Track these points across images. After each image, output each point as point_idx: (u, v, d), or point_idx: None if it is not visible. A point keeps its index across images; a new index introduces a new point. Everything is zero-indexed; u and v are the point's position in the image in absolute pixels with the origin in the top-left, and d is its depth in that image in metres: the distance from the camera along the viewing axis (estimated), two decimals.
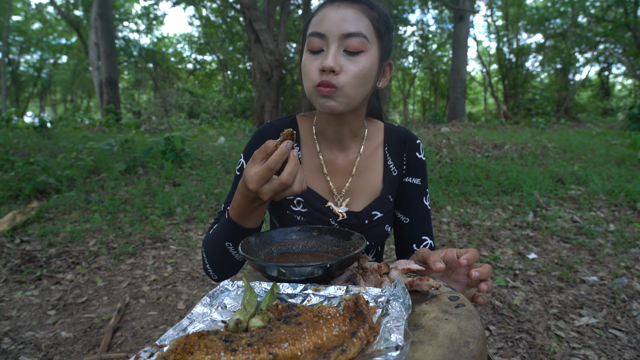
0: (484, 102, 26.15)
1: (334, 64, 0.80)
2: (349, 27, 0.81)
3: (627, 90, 21.18)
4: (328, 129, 0.95)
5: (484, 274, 0.72)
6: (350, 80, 0.82)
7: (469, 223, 3.29)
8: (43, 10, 21.94)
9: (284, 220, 0.97)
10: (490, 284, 0.74)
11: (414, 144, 1.02)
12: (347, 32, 0.81)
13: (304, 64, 0.85)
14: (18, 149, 5.26)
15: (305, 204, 0.95)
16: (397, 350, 0.43)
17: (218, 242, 0.85)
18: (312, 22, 0.86)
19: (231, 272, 0.91)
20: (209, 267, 0.90)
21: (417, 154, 1.02)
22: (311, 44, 0.84)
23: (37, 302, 2.14)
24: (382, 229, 0.98)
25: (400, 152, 1.01)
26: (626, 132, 7.17)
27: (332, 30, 0.81)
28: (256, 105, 10.45)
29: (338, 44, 0.81)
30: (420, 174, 1.02)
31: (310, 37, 0.84)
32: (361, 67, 0.82)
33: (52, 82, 25.78)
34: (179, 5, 15.43)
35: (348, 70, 0.81)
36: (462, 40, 11.86)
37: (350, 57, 0.82)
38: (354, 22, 0.81)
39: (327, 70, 0.80)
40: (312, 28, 0.85)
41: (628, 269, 2.41)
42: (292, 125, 1.01)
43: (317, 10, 0.87)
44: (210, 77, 24.82)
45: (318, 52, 0.83)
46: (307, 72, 0.84)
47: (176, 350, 0.44)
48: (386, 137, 1.02)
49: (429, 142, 5.74)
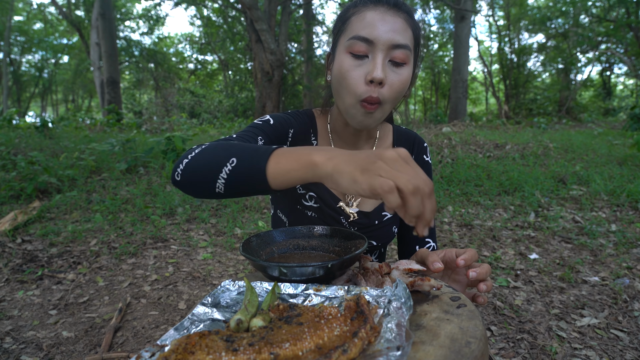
0: (485, 102, 26.12)
1: (384, 76, 0.77)
2: (399, 38, 0.78)
3: (629, 90, 21.13)
4: (345, 130, 0.94)
5: (481, 274, 0.71)
6: (392, 94, 0.80)
7: (471, 223, 3.29)
8: (44, 10, 21.99)
9: (294, 215, 0.95)
10: (490, 283, 0.73)
11: (422, 147, 1.03)
12: (397, 43, 0.78)
13: (346, 69, 0.80)
14: (20, 149, 5.27)
15: (318, 200, 0.94)
16: (399, 351, 0.43)
17: (226, 153, 0.65)
18: (355, 22, 0.81)
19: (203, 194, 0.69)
20: (183, 169, 0.68)
21: (425, 156, 1.03)
22: (354, 48, 0.79)
23: (39, 301, 2.15)
24: (390, 230, 0.99)
25: None
26: (628, 132, 7.15)
27: (382, 38, 0.77)
28: (257, 105, 10.45)
29: (385, 53, 0.78)
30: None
31: (354, 40, 0.79)
32: (404, 80, 0.81)
33: (54, 82, 25.82)
34: (180, 6, 15.45)
35: (392, 84, 0.79)
36: (464, 40, 11.85)
37: (395, 69, 0.80)
38: (402, 32, 0.79)
39: (376, 82, 0.77)
40: (356, 30, 0.79)
41: (630, 269, 2.40)
42: (311, 119, 0.99)
43: (358, 10, 0.81)
44: (212, 77, 24.83)
45: (361, 57, 0.79)
46: (349, 79, 0.80)
47: (177, 350, 0.44)
48: (395, 139, 1.02)
49: (431, 142, 5.73)
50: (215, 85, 24.46)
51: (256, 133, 0.85)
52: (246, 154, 0.63)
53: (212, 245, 2.97)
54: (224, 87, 22.56)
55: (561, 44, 19.18)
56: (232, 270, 2.59)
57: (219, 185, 0.65)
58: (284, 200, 0.98)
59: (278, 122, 0.91)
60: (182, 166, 0.68)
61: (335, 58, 0.84)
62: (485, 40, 27.32)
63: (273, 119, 0.91)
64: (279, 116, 0.93)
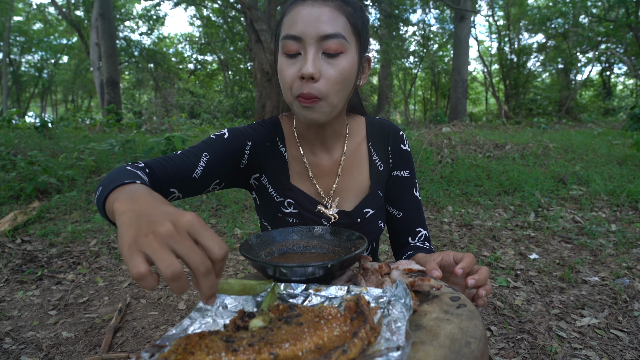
0: (485, 102, 26.13)
1: (314, 70, 0.75)
2: (327, 27, 0.76)
3: (628, 90, 21.14)
4: (309, 132, 0.92)
5: (480, 280, 0.70)
6: (332, 87, 0.78)
7: (470, 223, 3.29)
8: (44, 11, 21.99)
9: (276, 223, 0.95)
10: (489, 287, 0.72)
11: (398, 136, 0.99)
12: (325, 34, 0.76)
13: (280, 69, 0.80)
14: (19, 149, 5.26)
15: (296, 206, 0.93)
16: (398, 351, 0.43)
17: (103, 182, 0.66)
18: (285, 22, 0.80)
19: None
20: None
21: (402, 145, 0.99)
22: (286, 48, 0.78)
23: (38, 302, 2.15)
24: (375, 226, 0.97)
25: (384, 146, 0.98)
26: (628, 132, 7.15)
27: (308, 32, 0.76)
28: (257, 105, 10.45)
29: (316, 47, 0.76)
30: (407, 165, 1.00)
31: (285, 40, 0.78)
32: (341, 70, 0.78)
33: (53, 82, 25.82)
34: (180, 6, 15.45)
35: (329, 76, 0.77)
36: (464, 40, 11.85)
37: (330, 60, 0.77)
38: (331, 21, 0.76)
39: (307, 77, 0.76)
40: (285, 30, 0.79)
41: (630, 269, 2.40)
42: (276, 127, 0.97)
43: (289, 9, 0.81)
44: (211, 77, 24.85)
45: (295, 55, 0.78)
46: (284, 79, 0.80)
47: (177, 351, 0.44)
48: (369, 131, 0.99)
49: (430, 142, 5.73)
50: (215, 85, 24.47)
51: (203, 150, 0.85)
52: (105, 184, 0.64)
53: None
54: (224, 87, 22.57)
55: (561, 44, 19.19)
56: (232, 270, 2.59)
57: (99, 209, 0.66)
58: (264, 208, 0.97)
59: (233, 135, 0.90)
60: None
61: (277, 62, 0.84)
62: (485, 40, 27.34)
63: (229, 133, 0.91)
64: (236, 130, 0.92)
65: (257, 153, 0.93)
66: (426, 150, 5.18)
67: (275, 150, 0.95)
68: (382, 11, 15.37)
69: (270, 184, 0.95)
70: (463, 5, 11.24)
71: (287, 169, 0.94)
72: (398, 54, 19.77)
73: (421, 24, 20.77)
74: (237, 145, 0.90)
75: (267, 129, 0.95)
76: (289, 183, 0.94)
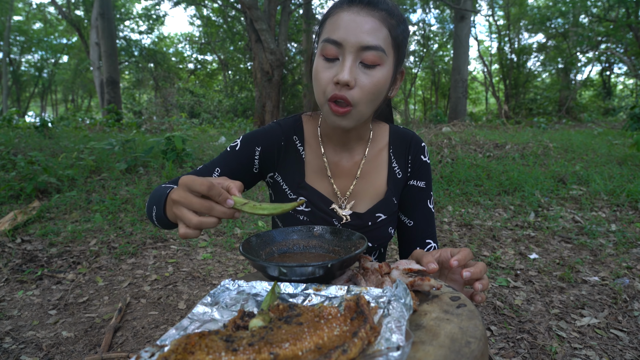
0: (485, 102, 26.13)
1: (350, 78, 0.76)
2: (368, 39, 0.76)
3: (628, 90, 21.14)
4: (334, 133, 0.94)
5: (475, 273, 0.70)
6: (364, 97, 0.79)
7: (470, 223, 3.29)
8: (44, 10, 21.98)
9: (287, 220, 0.97)
10: (486, 282, 0.72)
11: (419, 147, 1.01)
12: (366, 45, 0.76)
13: (316, 71, 0.81)
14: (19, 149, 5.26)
15: (309, 204, 0.94)
16: (398, 351, 0.43)
17: (152, 201, 0.82)
18: (328, 24, 0.81)
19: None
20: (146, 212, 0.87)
21: (422, 156, 1.01)
22: (326, 51, 0.79)
23: (38, 301, 2.15)
24: (385, 231, 0.98)
25: (405, 155, 1.00)
26: (628, 132, 7.16)
27: (349, 39, 0.76)
28: (257, 105, 10.45)
29: (355, 56, 0.77)
30: (424, 177, 1.01)
31: (325, 43, 0.79)
32: (376, 81, 0.79)
33: (53, 82, 25.82)
34: (180, 5, 15.44)
35: (363, 86, 0.78)
36: (464, 40, 11.85)
37: (366, 70, 0.79)
38: (373, 33, 0.77)
39: (342, 84, 0.77)
40: (327, 33, 0.80)
41: (630, 269, 2.40)
42: (297, 127, 0.98)
43: (333, 12, 0.81)
44: (211, 76, 24.83)
45: (332, 59, 0.79)
46: (319, 80, 0.81)
47: (177, 350, 0.44)
48: (391, 139, 1.00)
49: (430, 141, 5.73)
50: (215, 85, 24.46)
51: (216, 164, 0.94)
52: (156, 200, 0.80)
53: (212, 245, 2.97)
54: (224, 87, 22.56)
55: (561, 43, 19.19)
56: (231, 270, 2.59)
57: (157, 224, 0.83)
58: None
59: (244, 144, 0.95)
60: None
61: (314, 61, 0.84)
62: (485, 40, 27.33)
63: (240, 143, 0.95)
64: (248, 137, 0.96)
65: (268, 155, 0.95)
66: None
67: (292, 148, 0.96)
68: None
69: (284, 182, 0.97)
70: (463, 5, 11.24)
71: (302, 167, 0.96)
72: None
73: (421, 23, 20.79)
74: (247, 153, 0.94)
75: (284, 129, 0.97)
76: (303, 181, 0.95)
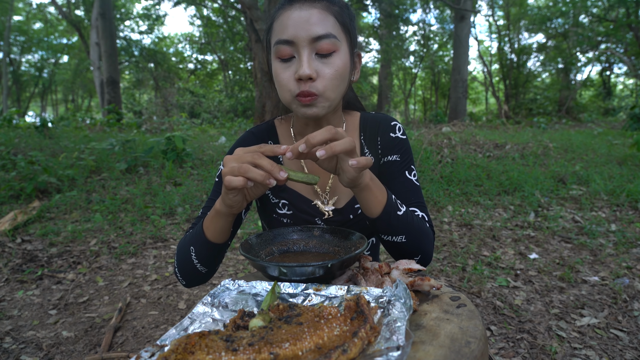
0: (485, 102, 26.13)
1: (310, 72, 0.77)
2: (317, 29, 0.78)
3: (628, 90, 21.13)
4: (307, 130, 0.94)
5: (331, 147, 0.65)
6: (329, 84, 0.80)
7: (470, 223, 3.29)
8: (44, 10, 21.98)
9: (272, 224, 0.98)
10: (361, 159, 0.66)
11: (388, 126, 0.99)
12: (317, 35, 0.78)
13: (276, 74, 0.82)
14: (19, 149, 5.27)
15: (290, 206, 0.94)
16: (398, 351, 0.43)
17: (186, 246, 0.84)
18: (275, 27, 0.82)
19: (197, 281, 0.90)
20: (177, 271, 0.89)
21: (392, 134, 0.98)
22: (280, 52, 0.80)
23: (38, 301, 2.15)
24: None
25: (374, 138, 0.99)
26: (628, 132, 7.16)
27: (300, 35, 0.78)
28: (257, 105, 10.45)
29: (309, 49, 0.79)
30: (397, 150, 0.98)
31: (278, 45, 0.80)
32: (336, 68, 0.80)
33: (53, 82, 25.82)
34: (180, 5, 15.44)
35: (324, 75, 0.80)
36: (464, 40, 11.85)
37: (324, 60, 0.80)
38: (321, 22, 0.78)
39: (304, 78, 0.78)
40: (277, 35, 0.81)
41: (629, 269, 2.40)
42: (270, 131, 0.99)
43: (277, 15, 0.82)
44: (211, 76, 24.83)
45: (289, 59, 0.81)
46: (282, 82, 0.82)
47: (177, 350, 0.44)
48: (362, 126, 1.00)
49: (430, 141, 5.73)
50: (215, 85, 24.46)
51: (212, 199, 0.92)
52: (194, 239, 0.83)
53: None
54: (224, 87, 22.57)
55: (561, 43, 19.18)
56: (232, 270, 2.59)
57: (200, 269, 0.85)
58: (263, 210, 1.00)
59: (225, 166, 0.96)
60: (179, 275, 0.89)
61: (272, 66, 0.85)
62: (485, 40, 27.34)
63: (223, 166, 0.92)
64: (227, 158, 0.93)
65: None
66: (426, 150, 5.18)
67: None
68: (382, 11, 15.37)
69: None
70: (463, 5, 11.24)
71: None
72: (398, 54, 19.77)
73: (421, 23, 20.78)
74: None
75: (257, 135, 0.99)
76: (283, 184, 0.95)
